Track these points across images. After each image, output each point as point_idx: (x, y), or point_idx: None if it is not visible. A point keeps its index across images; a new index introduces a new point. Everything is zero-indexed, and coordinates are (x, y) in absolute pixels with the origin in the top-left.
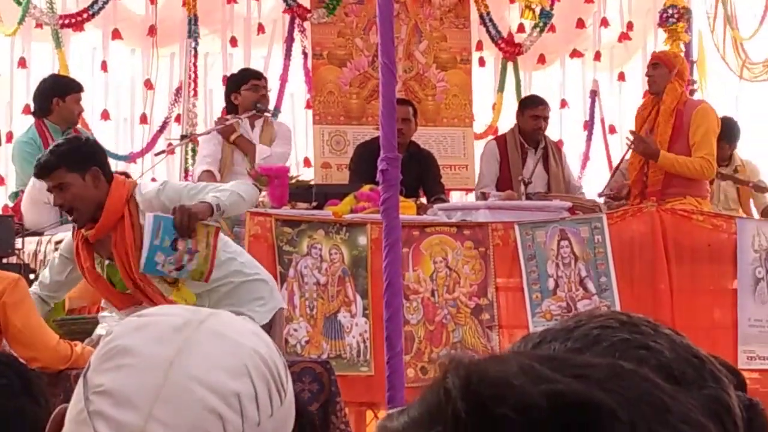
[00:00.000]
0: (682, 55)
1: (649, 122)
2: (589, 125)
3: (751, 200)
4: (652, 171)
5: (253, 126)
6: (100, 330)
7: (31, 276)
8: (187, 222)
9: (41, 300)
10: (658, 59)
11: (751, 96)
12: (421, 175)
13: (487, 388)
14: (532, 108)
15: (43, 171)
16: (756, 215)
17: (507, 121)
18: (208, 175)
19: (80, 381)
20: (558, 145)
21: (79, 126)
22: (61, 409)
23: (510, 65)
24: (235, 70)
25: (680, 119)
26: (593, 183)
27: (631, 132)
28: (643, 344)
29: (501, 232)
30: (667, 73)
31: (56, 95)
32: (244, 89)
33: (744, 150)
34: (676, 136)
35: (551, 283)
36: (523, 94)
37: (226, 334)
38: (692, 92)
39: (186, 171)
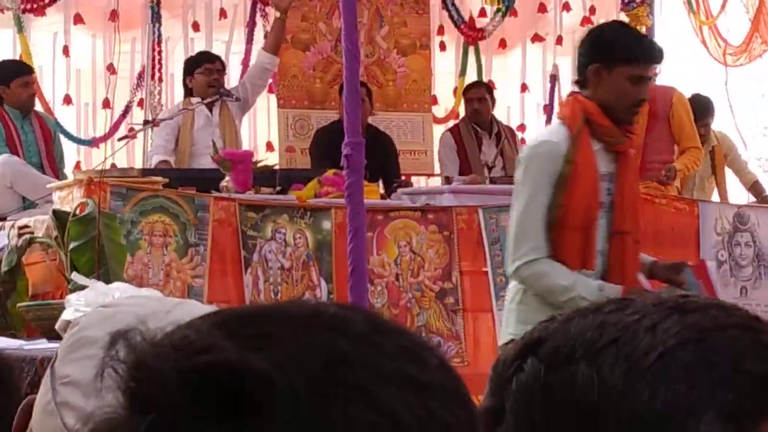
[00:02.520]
0: None
1: None
2: (548, 110)
3: (734, 175)
4: None
5: (211, 109)
6: (66, 315)
7: None
8: None
9: None
10: None
11: (737, 78)
12: (383, 157)
13: (137, 372)
14: (466, 92)
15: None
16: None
17: None
18: (165, 165)
19: (47, 372)
20: (511, 129)
21: (41, 110)
22: (29, 400)
23: (471, 50)
24: None
25: (654, 105)
26: None
27: (665, 170)
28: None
29: (465, 216)
30: None
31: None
32: (197, 72)
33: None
34: (653, 123)
35: None
36: (485, 79)
37: None
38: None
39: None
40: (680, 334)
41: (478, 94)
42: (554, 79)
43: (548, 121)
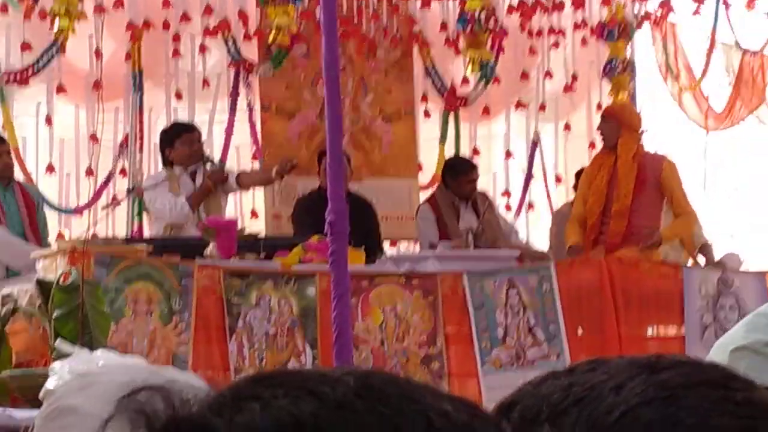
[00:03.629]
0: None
1: (606, 172)
2: (527, 175)
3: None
4: (614, 221)
5: (194, 178)
6: (50, 384)
7: None
8: None
9: None
10: (607, 113)
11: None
12: (365, 223)
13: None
14: (468, 174)
15: None
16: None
17: None
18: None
19: None
20: (485, 194)
21: (22, 180)
22: None
23: (451, 117)
24: None
25: (643, 172)
26: (534, 233)
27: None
28: None
29: (450, 282)
30: (616, 127)
31: None
32: (178, 144)
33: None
34: (640, 189)
35: (500, 332)
36: (463, 146)
37: None
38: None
39: (133, 223)
40: (645, 393)
41: (477, 175)
42: (535, 145)
43: (525, 188)
